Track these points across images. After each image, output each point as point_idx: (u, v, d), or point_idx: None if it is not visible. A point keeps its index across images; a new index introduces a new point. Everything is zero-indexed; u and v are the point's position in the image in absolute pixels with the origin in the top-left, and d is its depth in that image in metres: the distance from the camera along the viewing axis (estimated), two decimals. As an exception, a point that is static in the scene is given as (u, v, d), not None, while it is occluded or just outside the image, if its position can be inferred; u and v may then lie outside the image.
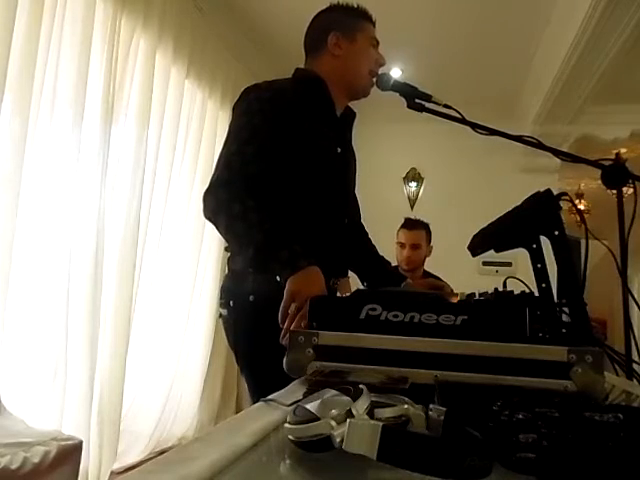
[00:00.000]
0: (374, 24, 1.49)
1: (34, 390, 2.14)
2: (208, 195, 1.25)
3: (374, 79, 1.43)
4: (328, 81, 1.43)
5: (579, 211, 1.33)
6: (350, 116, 1.55)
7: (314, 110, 1.40)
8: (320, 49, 1.46)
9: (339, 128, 1.48)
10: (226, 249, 1.44)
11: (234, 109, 1.37)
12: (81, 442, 1.88)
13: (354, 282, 1.59)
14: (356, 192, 1.59)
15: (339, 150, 1.45)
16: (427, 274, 2.99)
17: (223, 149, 1.31)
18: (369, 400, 0.47)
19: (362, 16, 1.47)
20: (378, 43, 1.48)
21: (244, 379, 1.40)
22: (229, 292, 1.37)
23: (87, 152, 2.30)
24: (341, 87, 1.45)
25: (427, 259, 3.00)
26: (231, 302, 1.34)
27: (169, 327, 3.14)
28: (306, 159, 1.34)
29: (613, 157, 1.22)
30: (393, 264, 3.04)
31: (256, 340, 1.26)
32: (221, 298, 1.40)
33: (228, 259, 1.41)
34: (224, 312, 1.38)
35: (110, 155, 2.43)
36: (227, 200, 1.21)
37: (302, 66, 1.51)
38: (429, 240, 2.99)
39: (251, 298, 1.29)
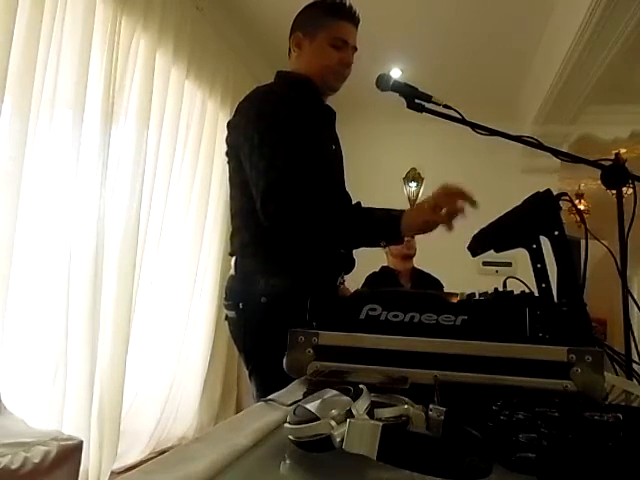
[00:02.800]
0: (355, 22, 1.46)
1: (34, 390, 2.14)
2: (274, 202, 1.24)
3: (343, 76, 1.46)
4: None
5: (579, 211, 1.33)
6: (332, 114, 1.56)
7: (311, 111, 1.42)
8: (290, 49, 1.51)
9: (329, 126, 1.52)
10: (230, 254, 1.42)
11: (242, 114, 1.36)
12: (81, 442, 1.88)
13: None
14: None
15: (333, 147, 1.49)
16: (417, 271, 3.03)
17: (253, 156, 1.28)
18: (369, 400, 0.47)
19: (335, 14, 1.43)
20: (346, 42, 1.44)
21: (253, 382, 1.36)
22: (237, 294, 1.35)
23: (87, 152, 2.30)
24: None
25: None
26: (240, 304, 1.32)
27: (169, 327, 3.14)
28: (311, 158, 1.35)
29: (613, 157, 1.23)
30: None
31: (268, 342, 1.23)
32: (227, 300, 1.38)
33: (236, 261, 1.38)
34: (232, 314, 1.36)
35: (110, 155, 2.43)
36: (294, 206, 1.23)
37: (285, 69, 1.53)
38: None
39: (263, 300, 1.28)
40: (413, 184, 4.91)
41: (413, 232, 1.29)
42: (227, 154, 1.44)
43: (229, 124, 1.43)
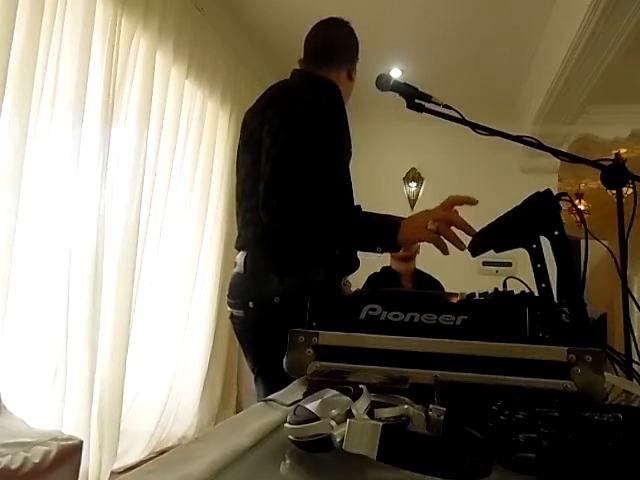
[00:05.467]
0: None
1: (34, 390, 2.14)
2: (277, 198, 1.22)
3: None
4: None
5: (579, 211, 1.33)
6: None
7: (339, 114, 1.45)
8: (341, 65, 1.53)
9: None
10: (239, 248, 1.37)
11: (272, 107, 1.33)
12: (81, 442, 1.88)
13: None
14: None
15: (350, 150, 1.52)
16: (418, 272, 3.04)
17: (272, 150, 1.26)
18: (369, 400, 0.47)
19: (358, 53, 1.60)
20: None
21: (260, 383, 1.33)
22: (246, 292, 1.31)
23: (87, 152, 2.30)
24: None
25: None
26: (250, 303, 1.29)
27: (169, 327, 3.14)
28: (337, 159, 1.37)
29: (613, 157, 1.23)
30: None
31: (280, 344, 1.22)
32: (233, 298, 1.34)
33: (245, 258, 1.33)
34: (239, 313, 1.32)
35: (110, 155, 2.43)
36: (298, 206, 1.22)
37: (298, 67, 1.54)
38: None
39: (276, 300, 1.26)
40: (413, 184, 4.92)
41: (409, 244, 1.29)
42: (245, 144, 1.40)
43: (252, 112, 1.40)
